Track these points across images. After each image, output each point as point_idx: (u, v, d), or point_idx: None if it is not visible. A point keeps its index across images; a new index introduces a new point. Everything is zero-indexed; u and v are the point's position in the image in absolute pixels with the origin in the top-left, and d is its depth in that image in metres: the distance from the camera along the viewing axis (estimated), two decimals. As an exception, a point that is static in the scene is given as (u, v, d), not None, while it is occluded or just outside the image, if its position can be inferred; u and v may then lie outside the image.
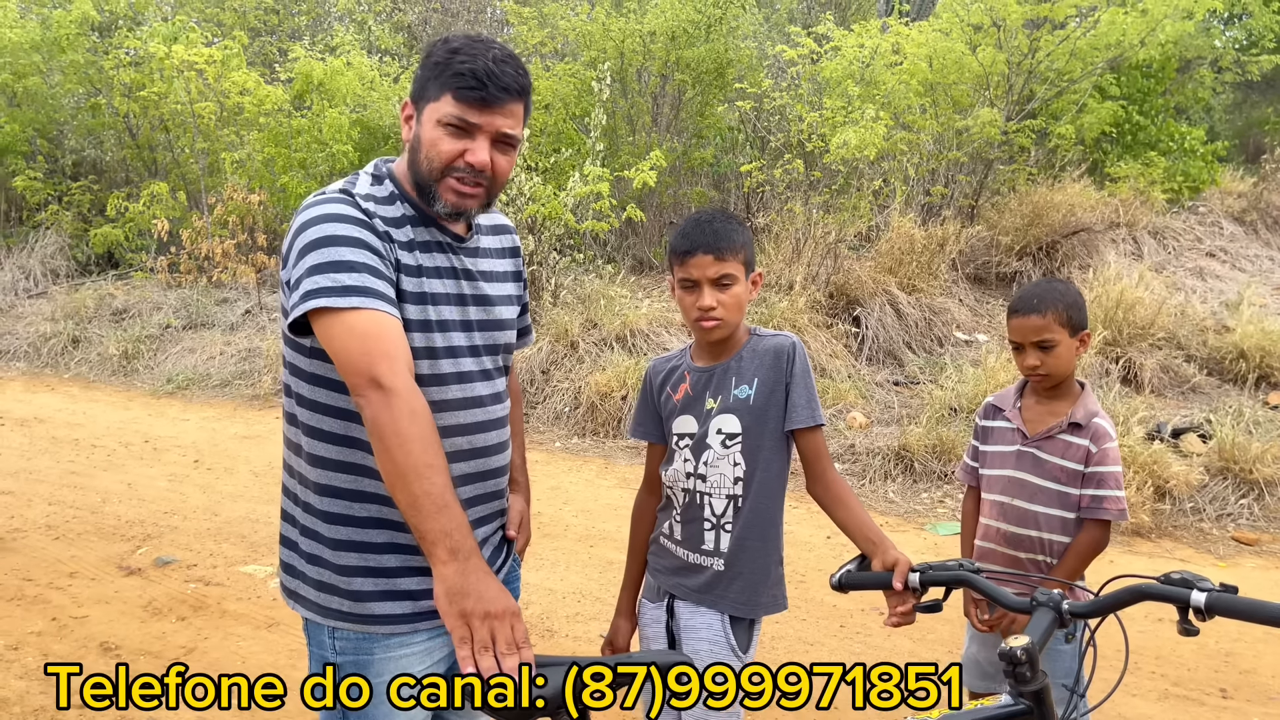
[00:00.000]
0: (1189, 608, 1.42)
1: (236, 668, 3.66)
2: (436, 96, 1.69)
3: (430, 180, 1.72)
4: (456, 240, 1.82)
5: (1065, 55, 9.38)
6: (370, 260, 1.64)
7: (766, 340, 2.15)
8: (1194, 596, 1.41)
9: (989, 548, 2.47)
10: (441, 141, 1.69)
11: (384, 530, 1.73)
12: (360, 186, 1.76)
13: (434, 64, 1.70)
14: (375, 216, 1.70)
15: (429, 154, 1.70)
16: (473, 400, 1.81)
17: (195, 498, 5.63)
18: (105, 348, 9.32)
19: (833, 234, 8.52)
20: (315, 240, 1.63)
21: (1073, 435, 2.36)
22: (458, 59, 1.67)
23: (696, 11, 10.27)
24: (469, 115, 1.68)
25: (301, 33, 14.25)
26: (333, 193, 1.73)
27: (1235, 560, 4.75)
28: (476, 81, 1.66)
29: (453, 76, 1.67)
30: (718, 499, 2.13)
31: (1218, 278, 9.73)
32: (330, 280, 1.59)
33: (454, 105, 1.67)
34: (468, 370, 1.81)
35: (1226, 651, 3.78)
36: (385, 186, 1.77)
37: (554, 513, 5.30)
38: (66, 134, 12.77)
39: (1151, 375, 6.98)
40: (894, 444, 6.00)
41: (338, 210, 1.67)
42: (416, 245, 1.75)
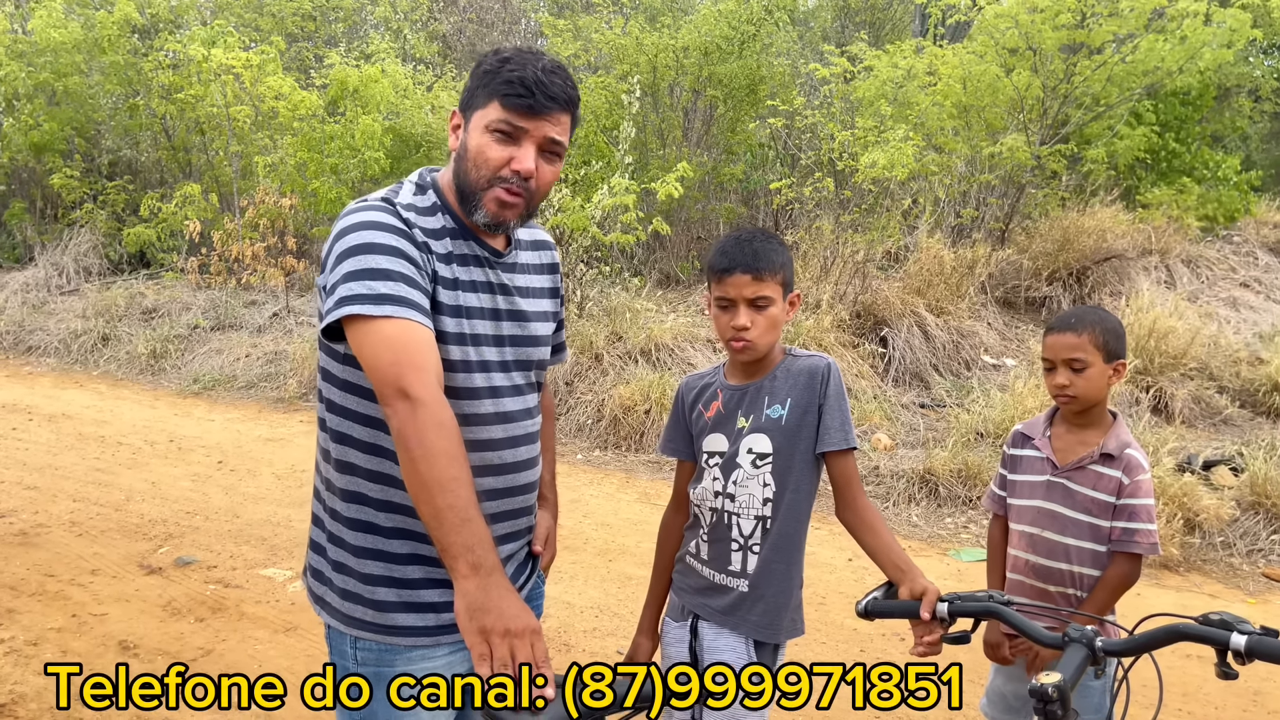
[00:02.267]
0: (1228, 650, 1.38)
1: (253, 671, 3.66)
2: (484, 104, 1.69)
3: (477, 189, 1.71)
4: (495, 255, 1.81)
5: (1102, 81, 9.31)
6: (407, 270, 1.63)
7: (801, 360, 2.13)
8: (1234, 639, 1.37)
9: (1017, 579, 2.43)
10: (489, 148, 1.69)
11: (408, 541, 1.72)
12: (403, 196, 1.75)
13: (483, 73, 1.71)
14: (415, 227, 1.70)
15: (476, 160, 1.70)
16: (503, 415, 1.80)
17: (218, 499, 5.65)
18: (134, 346, 9.41)
19: (861, 253, 8.48)
20: (353, 247, 1.63)
21: (1104, 466, 2.32)
22: (507, 68, 1.68)
23: (730, 28, 10.28)
24: (517, 120, 1.67)
25: (338, 39, 14.39)
26: (375, 200, 1.73)
27: (1265, 597, 4.66)
28: (525, 89, 1.66)
29: (502, 84, 1.67)
30: (746, 519, 2.11)
31: (1252, 308, 9.61)
32: (365, 288, 1.59)
33: (501, 111, 1.67)
34: (499, 385, 1.80)
35: (1255, 690, 3.70)
36: (429, 197, 1.77)
37: (574, 526, 5.28)
38: (104, 134, 12.95)
39: (1183, 406, 6.88)
40: (919, 467, 5.95)
41: (377, 218, 1.67)
42: (454, 258, 1.74)
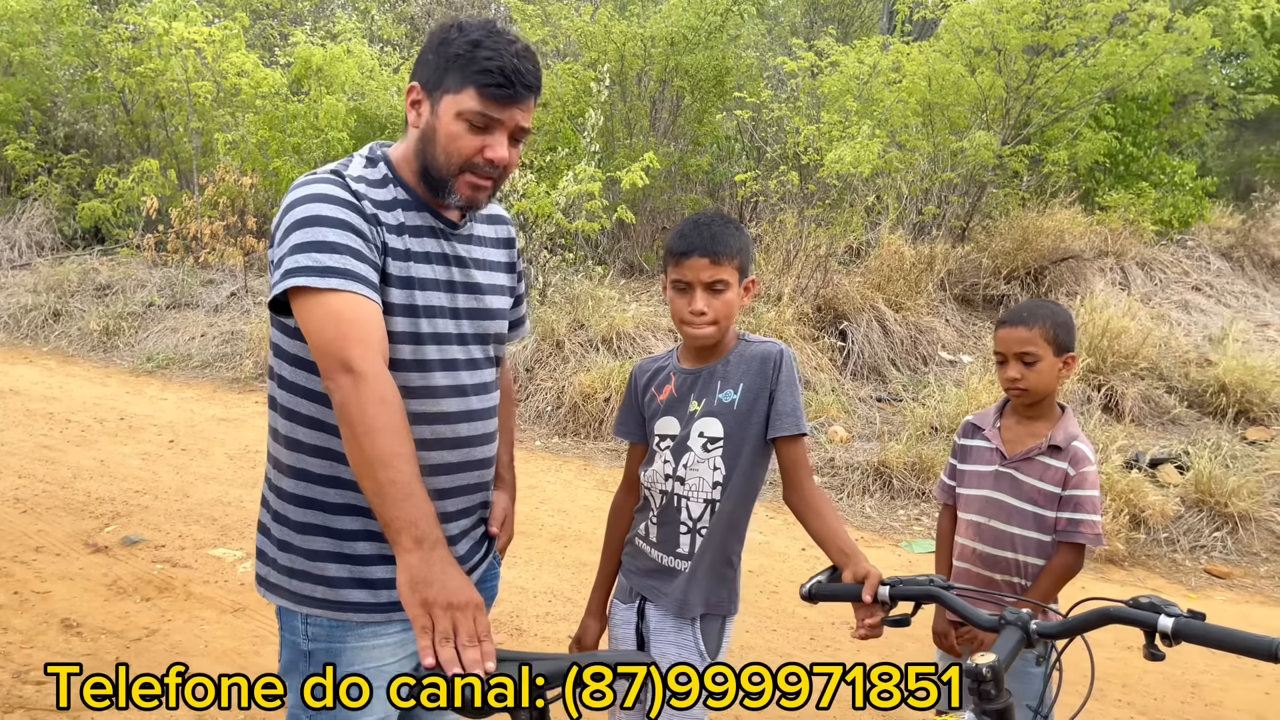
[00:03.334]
0: (1156, 632, 1.42)
1: (199, 651, 3.62)
2: (457, 89, 1.67)
3: (448, 175, 1.71)
4: (450, 226, 1.80)
5: (1063, 83, 9.43)
6: (353, 242, 1.62)
7: (755, 346, 2.13)
8: (1161, 621, 1.41)
9: (964, 568, 2.46)
10: (462, 138, 1.68)
11: (357, 517, 1.71)
12: (353, 168, 1.74)
13: (454, 55, 1.68)
14: (365, 199, 1.68)
15: (448, 148, 1.69)
16: (458, 389, 1.79)
17: (168, 478, 5.57)
18: (86, 323, 9.25)
19: (823, 247, 8.53)
20: (300, 219, 1.61)
21: (1051, 457, 2.36)
22: (481, 53, 1.65)
23: (698, 18, 10.28)
24: (493, 111, 1.67)
25: (304, 18, 14.20)
26: (323, 173, 1.71)
27: (1207, 592, 4.76)
28: (504, 79, 1.65)
29: (479, 73, 1.65)
30: (695, 502, 2.11)
31: (1203, 311, 9.80)
32: (311, 260, 1.57)
33: (478, 101, 1.66)
34: (454, 358, 1.79)
35: (1194, 683, 3.78)
36: (379, 169, 1.75)
37: (530, 511, 5.27)
38: (60, 106, 12.68)
39: (1133, 405, 7.00)
40: (874, 460, 6.00)
41: (325, 191, 1.65)
42: (407, 229, 1.73)
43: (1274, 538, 5.23)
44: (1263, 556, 5.10)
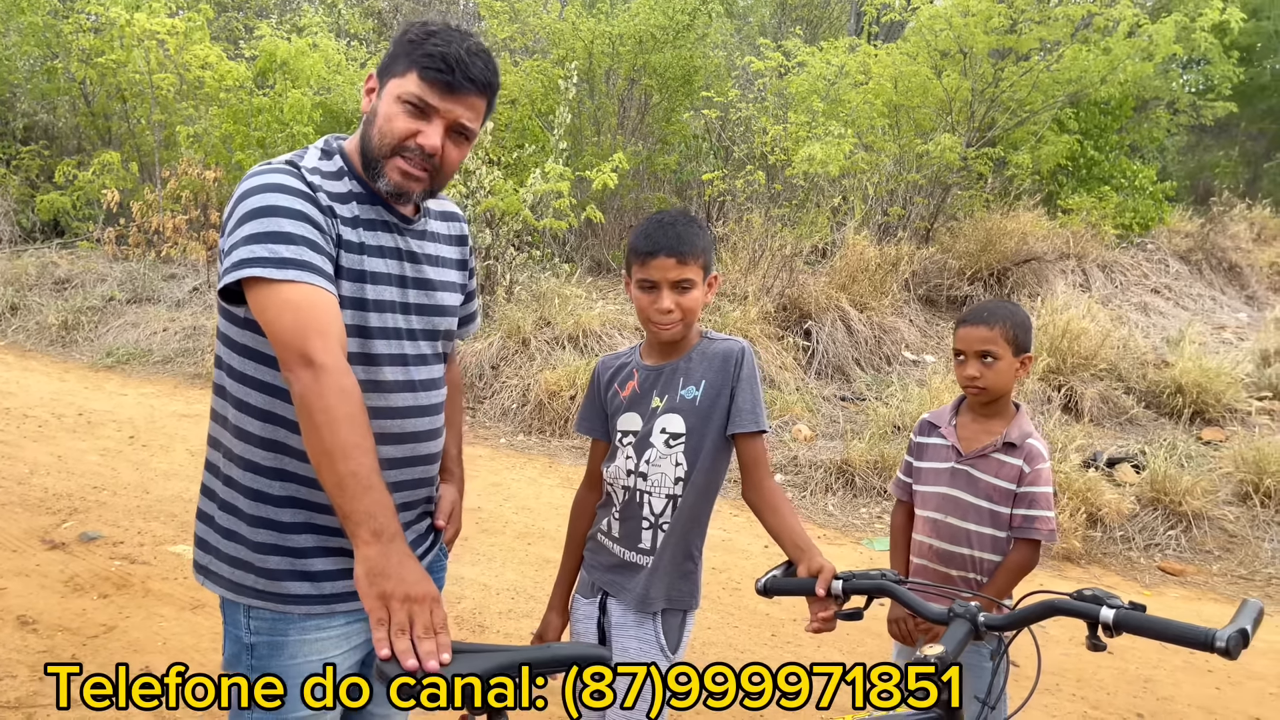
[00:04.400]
0: (1098, 623, 1.45)
1: (157, 648, 3.59)
2: (402, 73, 1.68)
3: (378, 156, 1.70)
4: (404, 221, 1.80)
5: (1027, 87, 9.56)
6: (309, 234, 1.61)
7: (717, 344, 2.15)
8: (1103, 613, 1.44)
9: (921, 564, 2.49)
10: (397, 119, 1.68)
11: (300, 510, 1.70)
12: (308, 160, 1.73)
13: (407, 41, 1.69)
14: (320, 190, 1.68)
15: (382, 128, 1.69)
16: (406, 384, 1.79)
17: (127, 474, 5.51)
18: (44, 317, 9.11)
19: (789, 247, 8.58)
20: (255, 209, 1.60)
21: (1006, 455, 2.39)
22: (431, 41, 1.66)
23: (665, 17, 10.30)
24: (429, 97, 1.67)
25: (270, 11, 14.06)
26: (278, 164, 1.70)
27: (1160, 589, 4.85)
28: (445, 65, 1.65)
29: (422, 56, 1.65)
30: (658, 498, 2.13)
31: (1161, 314, 9.97)
32: (267, 250, 1.57)
33: (417, 85, 1.66)
34: (403, 353, 1.79)
35: (1146, 678, 3.86)
36: (334, 162, 1.75)
37: (494, 509, 5.26)
38: (19, 97, 12.48)
39: (1091, 405, 7.11)
40: (836, 458, 6.05)
41: (280, 181, 1.65)
42: (361, 222, 1.73)
43: (1226, 536, 5.34)
44: (1215, 554, 5.20)
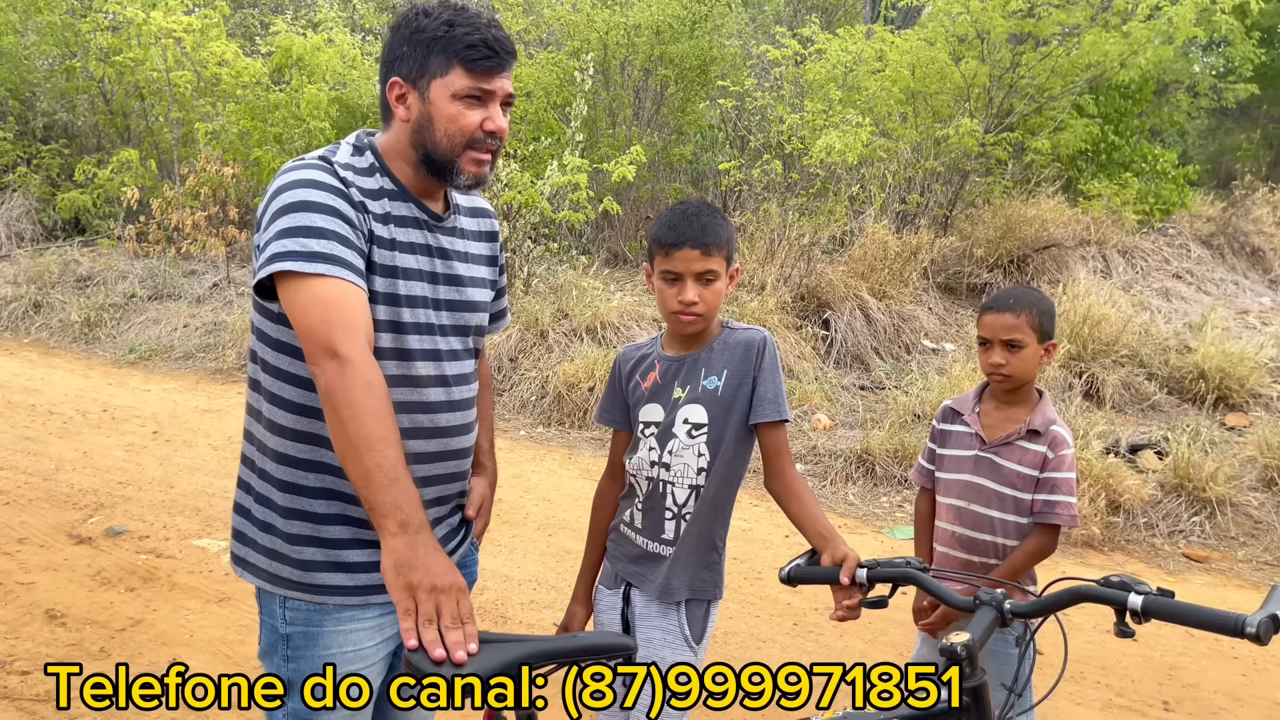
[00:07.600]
0: (1126, 610, 1.44)
1: (184, 641, 3.63)
2: (444, 71, 1.69)
3: (453, 156, 1.72)
4: (434, 218, 1.81)
5: (1046, 72, 9.47)
6: (341, 229, 1.63)
7: (738, 333, 2.15)
8: (1131, 599, 1.44)
9: (945, 551, 2.49)
10: (461, 117, 1.70)
11: (334, 502, 1.72)
12: (340, 155, 1.75)
13: (431, 39, 1.69)
14: (352, 186, 1.69)
15: (449, 130, 1.70)
16: (439, 379, 1.80)
17: (151, 469, 5.56)
18: (67, 314, 9.18)
19: (807, 236, 8.55)
20: (288, 205, 1.62)
21: (1030, 442, 2.38)
22: (459, 31, 1.68)
23: (682, 7, 10.26)
24: (484, 84, 1.70)
25: (285, 6, 14.09)
26: (311, 159, 1.72)
27: (1184, 576, 4.82)
28: (489, 50, 1.68)
29: (464, 49, 1.67)
30: (680, 489, 2.13)
31: (1183, 299, 9.87)
32: (299, 245, 1.58)
33: (468, 77, 1.68)
34: (435, 348, 1.80)
35: (1171, 665, 3.84)
36: (366, 158, 1.76)
37: (515, 500, 5.28)
38: (39, 96, 12.57)
39: (1113, 391, 7.06)
40: (856, 447, 6.04)
41: (314, 177, 1.66)
42: (392, 219, 1.74)
43: (1251, 522, 5.30)
44: (1240, 540, 5.16)
